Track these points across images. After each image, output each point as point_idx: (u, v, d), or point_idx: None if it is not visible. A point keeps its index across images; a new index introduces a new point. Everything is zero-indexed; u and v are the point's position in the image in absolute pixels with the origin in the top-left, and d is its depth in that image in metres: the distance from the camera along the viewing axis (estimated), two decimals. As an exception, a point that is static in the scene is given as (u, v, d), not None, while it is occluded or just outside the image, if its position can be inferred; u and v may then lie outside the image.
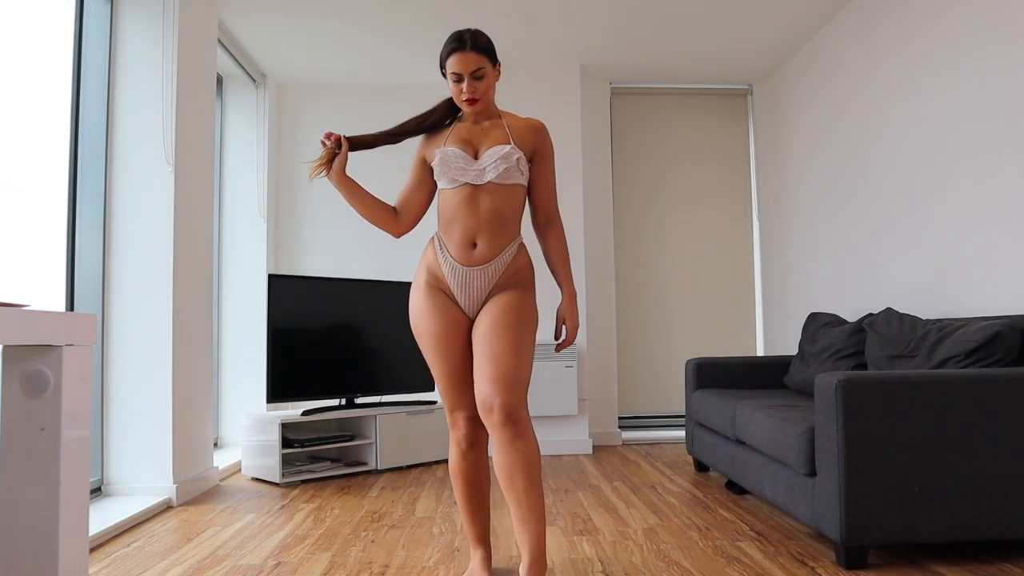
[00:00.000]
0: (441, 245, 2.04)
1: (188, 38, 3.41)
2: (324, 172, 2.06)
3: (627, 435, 4.95)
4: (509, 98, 3.81)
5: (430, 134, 2.13)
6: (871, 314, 3.26)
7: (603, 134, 5.06)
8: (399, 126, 2.11)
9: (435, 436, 4.20)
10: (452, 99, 2.10)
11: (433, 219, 2.22)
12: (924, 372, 2.23)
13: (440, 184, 2.06)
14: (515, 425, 1.87)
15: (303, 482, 3.70)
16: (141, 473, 3.19)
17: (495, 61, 2.04)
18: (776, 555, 2.37)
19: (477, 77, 1.99)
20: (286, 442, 3.68)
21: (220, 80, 4.67)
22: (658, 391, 5.15)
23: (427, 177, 2.13)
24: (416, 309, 2.05)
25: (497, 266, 2.02)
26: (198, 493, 3.41)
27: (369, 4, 3.89)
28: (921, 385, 2.19)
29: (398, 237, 2.17)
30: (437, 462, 4.21)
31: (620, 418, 5.04)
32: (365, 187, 2.12)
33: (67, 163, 3.12)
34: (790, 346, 4.77)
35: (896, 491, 2.16)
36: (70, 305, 3.11)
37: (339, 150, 2.05)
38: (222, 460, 4.04)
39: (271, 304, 3.78)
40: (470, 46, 1.97)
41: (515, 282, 2.05)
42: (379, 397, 4.32)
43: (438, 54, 2.06)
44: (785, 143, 4.85)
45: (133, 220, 3.25)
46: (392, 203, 2.15)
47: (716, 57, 4.71)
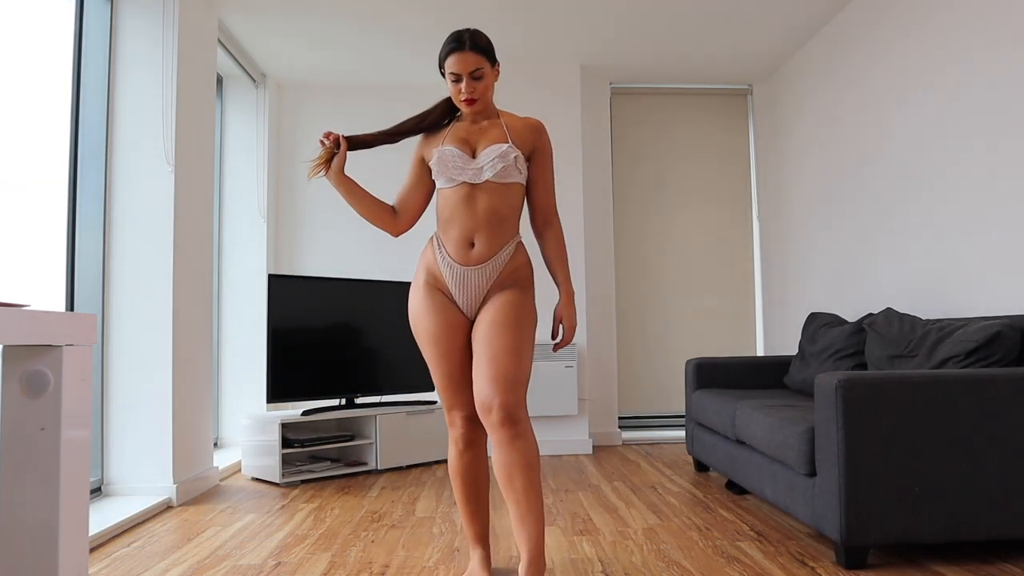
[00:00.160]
0: (439, 245, 2.04)
1: (188, 38, 3.41)
2: (323, 172, 2.06)
3: (627, 435, 4.95)
4: (509, 98, 3.81)
5: (428, 134, 2.13)
6: (871, 314, 3.26)
7: (603, 134, 5.06)
8: (397, 125, 2.11)
9: (435, 436, 4.20)
10: (451, 99, 2.10)
11: (431, 218, 2.22)
12: (924, 372, 2.23)
13: (438, 183, 2.06)
14: (514, 425, 1.87)
15: (303, 482, 3.70)
16: (141, 473, 3.19)
17: (494, 61, 2.04)
18: (776, 555, 2.37)
19: (476, 77, 1.99)
20: (286, 442, 3.68)
21: (220, 80, 4.67)
22: (658, 391, 5.15)
23: (425, 176, 2.13)
24: (415, 309, 2.05)
25: (495, 265, 2.02)
26: (198, 493, 3.42)
27: (369, 4, 3.89)
28: (921, 385, 2.19)
29: (396, 236, 2.18)
30: (437, 462, 4.21)
31: (620, 418, 5.04)
32: (363, 186, 2.12)
33: (67, 163, 3.12)
34: (790, 346, 4.77)
35: (896, 491, 2.16)
36: (70, 305, 3.11)
37: (337, 150, 2.05)
38: (222, 460, 4.04)
39: (271, 304, 3.78)
40: (469, 46, 1.97)
41: (513, 281, 2.05)
42: (379, 397, 4.31)
43: (438, 54, 2.06)
44: (785, 143, 4.85)
45: (133, 220, 3.25)
46: (390, 202, 2.16)
47: (716, 57, 4.71)
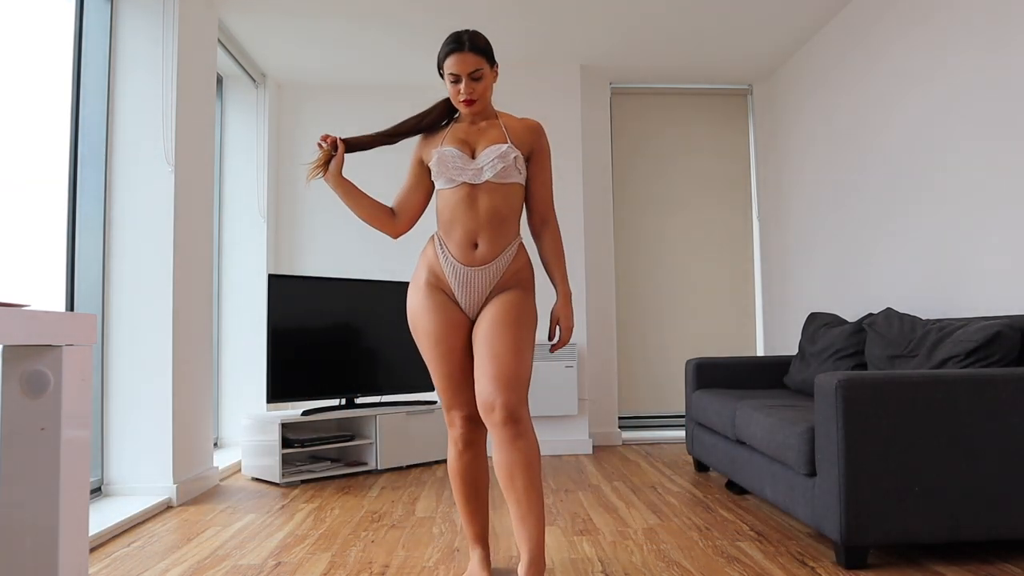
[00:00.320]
0: (442, 245, 2.04)
1: (188, 38, 3.41)
2: (321, 174, 2.06)
3: (627, 435, 4.95)
4: (509, 98, 3.82)
5: (427, 135, 2.13)
6: (871, 314, 3.26)
7: (603, 134, 5.06)
8: (396, 127, 2.11)
9: (435, 436, 4.20)
10: (449, 100, 2.10)
11: (429, 220, 2.22)
12: (924, 372, 2.23)
13: (438, 184, 2.06)
14: (516, 424, 1.87)
15: (303, 482, 3.70)
16: (141, 473, 3.19)
17: (493, 62, 2.05)
18: (776, 555, 2.37)
19: (475, 78, 1.99)
20: (286, 442, 3.68)
21: (220, 80, 4.67)
22: (658, 391, 5.15)
23: (424, 178, 2.13)
24: (415, 308, 2.05)
25: (498, 266, 2.02)
26: (198, 493, 3.41)
27: (369, 4, 3.89)
28: (921, 385, 2.19)
29: (395, 238, 2.17)
30: (437, 462, 4.21)
31: (620, 418, 5.04)
32: (362, 188, 2.12)
33: (67, 163, 3.12)
34: (790, 346, 4.77)
35: (896, 491, 2.16)
36: (70, 305, 3.11)
37: (335, 152, 2.05)
38: (222, 460, 4.04)
39: (271, 304, 3.78)
40: (468, 47, 1.98)
41: (516, 282, 2.05)
42: (379, 397, 4.31)
43: (437, 55, 2.06)
44: (785, 143, 4.85)
45: (133, 220, 3.25)
46: (389, 204, 2.15)
47: (716, 57, 4.71)
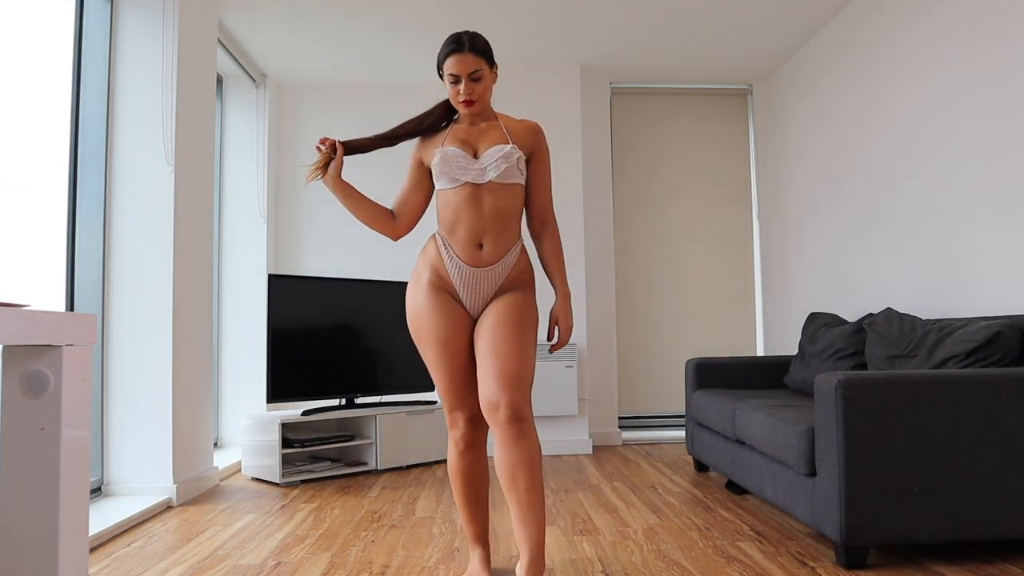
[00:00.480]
0: (446, 245, 2.03)
1: (188, 38, 3.41)
2: (320, 176, 2.05)
3: (627, 435, 4.95)
4: (509, 98, 3.82)
5: (426, 136, 2.13)
6: (871, 314, 3.26)
7: (603, 134, 5.06)
8: (395, 128, 2.11)
9: (435, 436, 4.20)
10: (449, 101, 2.10)
11: (428, 221, 2.22)
12: (924, 372, 2.23)
13: (439, 184, 2.05)
14: (520, 424, 1.87)
15: (303, 482, 3.70)
16: (141, 473, 3.19)
17: (492, 63, 2.05)
18: (776, 555, 2.37)
19: (475, 79, 1.99)
20: (286, 442, 3.68)
21: (220, 80, 4.67)
22: (658, 391, 5.15)
23: (424, 179, 2.12)
24: (418, 309, 2.03)
25: (504, 267, 2.02)
26: (198, 493, 3.41)
27: (369, 4, 3.89)
28: (921, 385, 2.19)
29: (396, 240, 2.17)
30: (437, 462, 4.21)
31: (620, 418, 5.04)
32: (361, 188, 2.11)
33: (67, 163, 3.12)
34: (790, 346, 4.76)
35: (896, 491, 2.16)
36: (70, 305, 3.11)
37: (334, 155, 2.05)
38: (222, 460, 4.04)
39: (271, 304, 3.78)
40: (468, 48, 1.98)
41: (519, 283, 2.06)
42: (379, 397, 4.32)
43: (437, 54, 2.06)
44: (785, 143, 4.85)
45: (133, 220, 3.25)
46: (388, 206, 2.15)
47: (716, 57, 4.71)
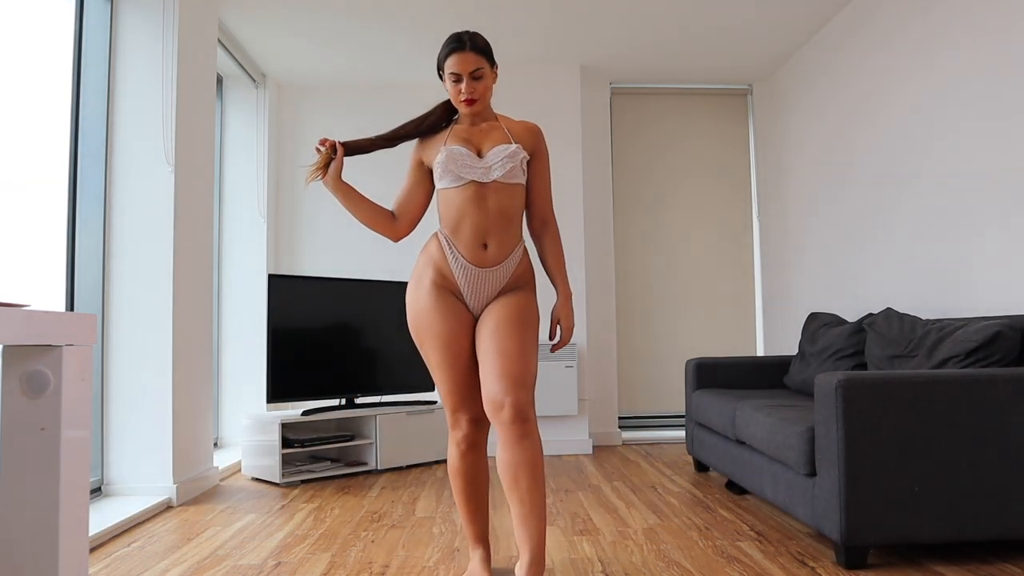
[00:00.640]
0: (450, 244, 2.02)
1: (188, 38, 3.41)
2: (320, 176, 2.04)
3: (627, 435, 4.95)
4: (509, 99, 3.82)
5: (426, 137, 2.12)
6: (871, 314, 3.26)
7: (603, 134, 5.06)
8: (396, 130, 2.10)
9: (435, 436, 4.20)
10: (449, 102, 2.10)
11: (427, 222, 2.21)
12: (924, 372, 2.23)
13: (442, 183, 2.04)
14: (524, 424, 1.87)
15: (303, 482, 3.70)
16: (141, 473, 3.18)
17: (493, 63, 2.05)
18: (776, 555, 2.37)
19: (476, 77, 1.99)
20: (286, 442, 3.68)
21: (220, 80, 4.67)
22: (658, 391, 5.15)
23: (424, 179, 2.12)
24: (421, 309, 2.02)
25: (508, 267, 2.02)
26: (198, 493, 3.41)
27: (369, 4, 3.89)
28: (921, 385, 2.19)
29: (396, 241, 2.16)
30: (437, 462, 4.21)
31: (620, 418, 5.04)
32: (361, 191, 2.11)
33: (67, 163, 3.12)
34: (790, 346, 4.76)
35: (896, 491, 2.16)
36: (70, 305, 3.11)
37: (334, 155, 2.04)
38: (222, 460, 4.04)
39: (271, 304, 3.78)
40: (469, 46, 1.98)
41: (521, 283, 2.07)
42: (379, 397, 4.32)
43: (437, 55, 2.06)
44: (785, 143, 4.85)
45: (133, 220, 3.25)
46: (389, 208, 2.14)
47: (716, 57, 4.71)
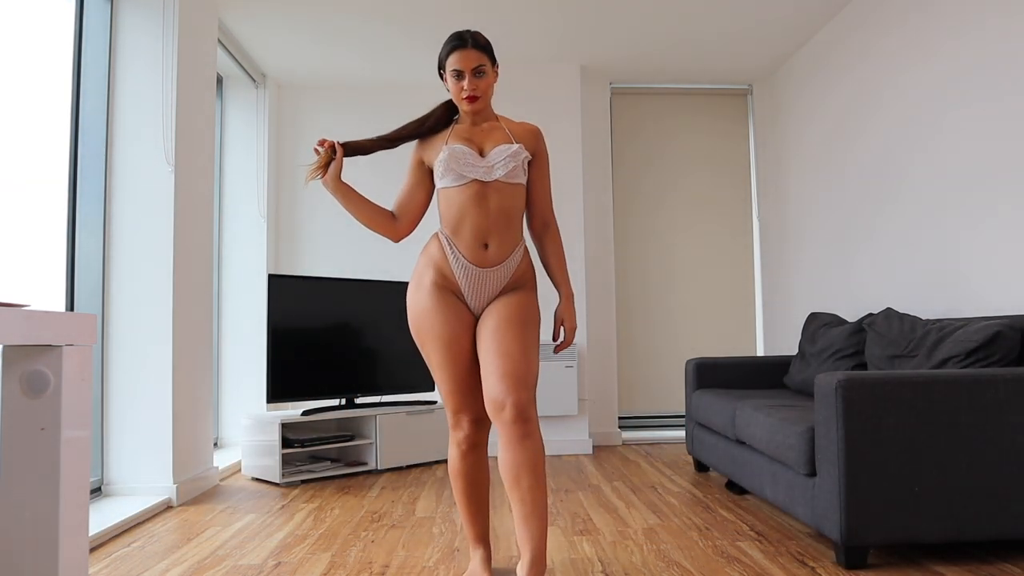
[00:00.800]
0: (450, 244, 2.01)
1: (188, 38, 3.40)
2: (320, 176, 2.04)
3: (627, 435, 4.95)
4: (509, 99, 3.81)
5: (427, 137, 2.13)
6: (871, 314, 3.26)
7: (603, 134, 5.06)
8: (397, 131, 2.10)
9: (435, 436, 4.20)
10: (450, 102, 2.10)
11: (427, 222, 2.21)
12: (924, 372, 2.23)
13: (443, 183, 2.03)
14: (525, 423, 1.87)
15: (303, 482, 3.70)
16: (141, 473, 3.18)
17: (494, 61, 2.05)
18: (776, 555, 2.37)
19: (478, 74, 1.99)
20: (286, 442, 3.68)
21: (220, 80, 4.67)
22: (658, 391, 5.15)
23: (425, 179, 2.12)
24: (422, 309, 2.01)
25: (508, 267, 2.02)
26: (198, 493, 3.41)
27: (369, 5, 3.89)
28: (921, 385, 2.19)
29: (396, 241, 2.15)
30: (437, 462, 4.21)
31: (620, 418, 5.04)
32: (362, 191, 2.10)
33: (67, 163, 3.12)
34: (790, 346, 4.76)
35: (896, 491, 2.16)
36: (70, 305, 3.11)
37: (334, 155, 2.04)
38: (222, 460, 4.04)
39: (271, 304, 3.78)
40: (471, 43, 1.99)
41: (522, 283, 2.07)
42: (379, 397, 4.31)
43: (437, 54, 2.06)
44: (785, 142, 4.85)
45: (133, 220, 3.24)
46: (389, 208, 2.14)
47: (716, 57, 4.71)
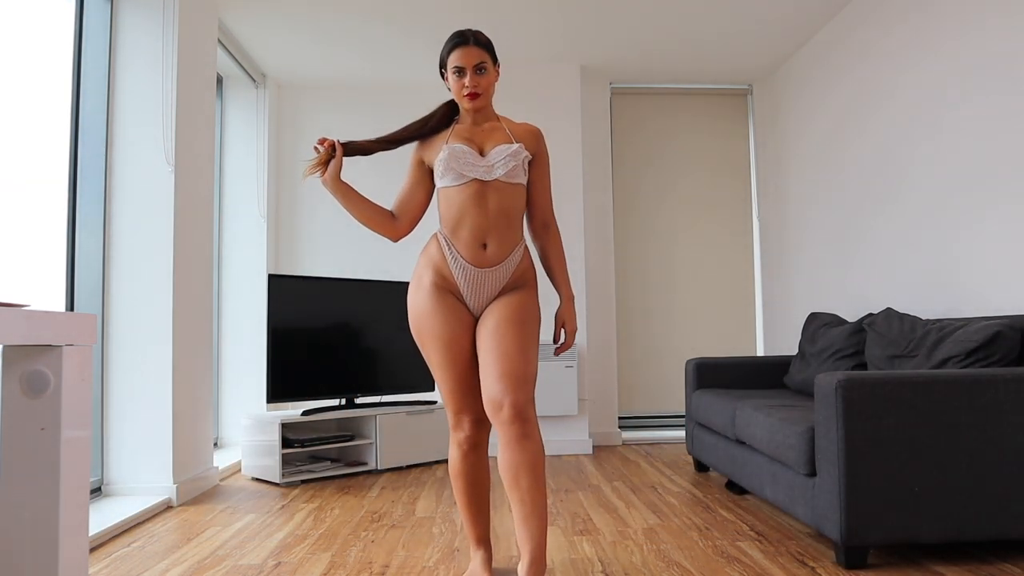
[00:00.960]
0: (449, 244, 2.01)
1: (188, 38, 3.40)
2: (319, 173, 2.03)
3: (627, 435, 4.95)
4: (509, 99, 3.81)
5: (428, 137, 2.13)
6: (871, 314, 3.26)
7: (603, 134, 5.06)
8: (398, 132, 2.09)
9: (435, 436, 4.20)
10: (451, 103, 2.11)
11: (427, 222, 2.21)
12: (924, 372, 2.23)
13: (443, 182, 2.03)
14: (524, 424, 1.87)
15: (303, 482, 3.70)
16: (141, 473, 3.18)
17: (496, 60, 2.06)
18: (776, 555, 2.37)
19: (479, 71, 2.00)
20: (286, 442, 3.68)
21: (220, 80, 4.67)
22: (658, 391, 5.15)
23: (425, 179, 2.12)
24: (421, 310, 2.02)
25: (508, 267, 2.02)
26: (198, 493, 3.41)
27: (369, 5, 3.89)
28: (921, 385, 2.19)
29: (396, 241, 2.15)
30: (437, 462, 4.21)
31: (620, 418, 5.04)
32: (362, 190, 2.10)
33: (67, 163, 3.12)
34: (790, 346, 4.76)
35: (896, 491, 2.16)
36: (70, 305, 3.11)
37: (334, 155, 2.04)
38: (222, 460, 4.04)
39: (271, 304, 3.78)
40: (473, 41, 2.00)
41: (522, 283, 2.06)
42: (379, 397, 4.31)
43: (438, 54, 2.06)
44: (785, 143, 4.85)
45: (133, 220, 3.24)
46: (388, 207, 2.14)
47: (716, 57, 4.71)
